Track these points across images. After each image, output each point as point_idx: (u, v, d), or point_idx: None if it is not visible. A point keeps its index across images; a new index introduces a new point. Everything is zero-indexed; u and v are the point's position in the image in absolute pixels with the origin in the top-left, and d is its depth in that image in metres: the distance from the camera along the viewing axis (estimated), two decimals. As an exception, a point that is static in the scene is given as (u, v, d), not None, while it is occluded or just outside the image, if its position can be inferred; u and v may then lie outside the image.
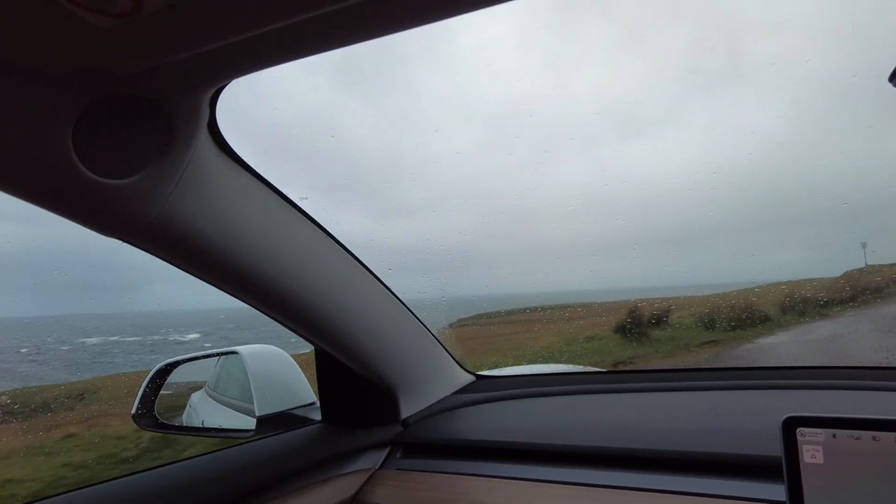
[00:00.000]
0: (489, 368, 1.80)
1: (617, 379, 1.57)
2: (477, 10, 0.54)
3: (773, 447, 0.67)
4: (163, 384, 1.60)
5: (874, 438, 0.64)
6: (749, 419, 1.18)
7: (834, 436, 0.66)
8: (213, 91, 0.70)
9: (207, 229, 0.82)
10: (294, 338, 1.16)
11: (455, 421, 1.42)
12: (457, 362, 1.61)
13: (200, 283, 0.93)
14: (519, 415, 1.44)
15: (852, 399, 1.24)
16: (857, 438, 0.64)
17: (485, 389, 1.59)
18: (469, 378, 1.66)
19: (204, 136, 0.78)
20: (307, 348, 1.32)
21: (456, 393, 1.57)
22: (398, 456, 1.32)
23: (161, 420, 1.59)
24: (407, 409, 1.39)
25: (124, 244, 0.79)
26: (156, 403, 1.58)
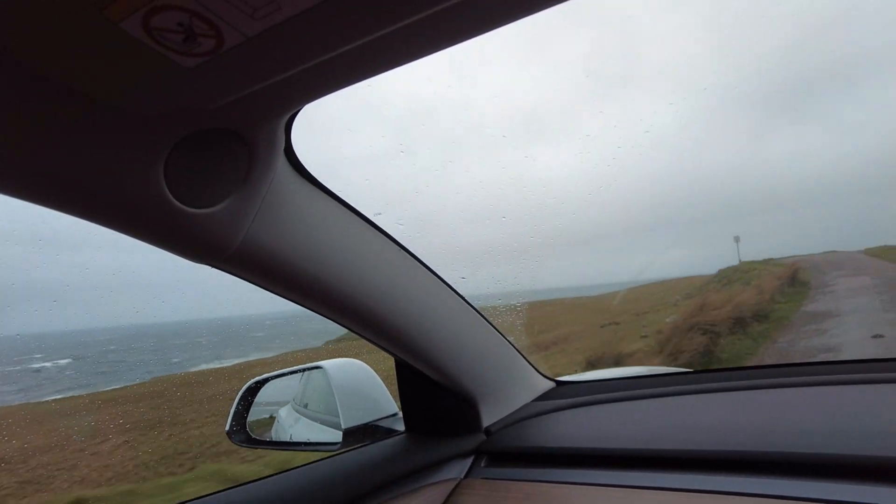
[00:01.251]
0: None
1: (705, 379, 1.49)
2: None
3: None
4: (253, 401, 1.67)
5: None
6: (861, 417, 1.08)
7: None
8: (287, 117, 0.73)
9: (290, 250, 0.85)
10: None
11: (538, 428, 1.40)
12: (535, 369, 1.59)
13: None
14: (604, 420, 1.39)
15: None
16: None
17: (566, 395, 1.56)
18: (549, 384, 1.63)
19: (282, 161, 0.81)
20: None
21: (536, 400, 1.55)
22: (483, 465, 1.31)
23: (253, 436, 1.66)
24: (489, 418, 1.38)
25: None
26: (247, 420, 1.65)
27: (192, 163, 0.67)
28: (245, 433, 1.63)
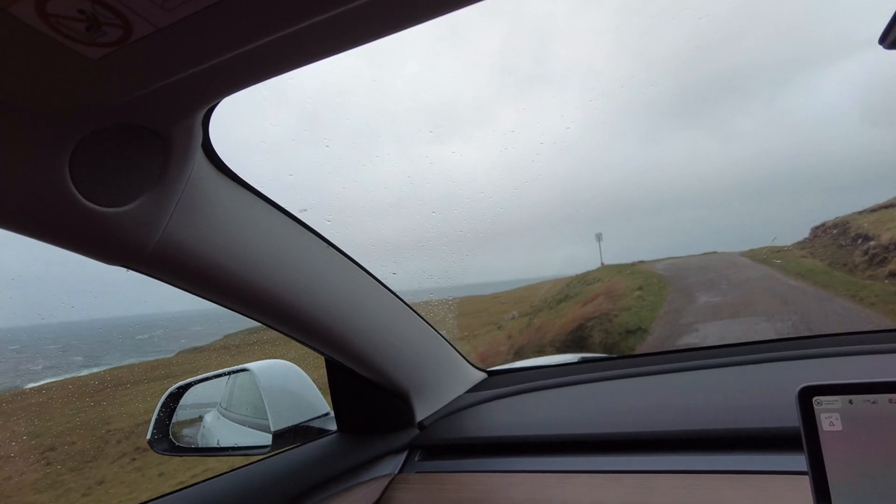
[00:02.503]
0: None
1: (629, 364, 1.56)
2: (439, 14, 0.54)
3: (793, 418, 0.67)
4: (175, 408, 1.59)
5: (890, 401, 0.64)
6: (766, 392, 1.18)
7: (850, 402, 0.65)
8: (205, 111, 0.70)
9: (210, 249, 0.81)
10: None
11: (471, 419, 1.42)
12: (467, 361, 1.61)
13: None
14: (534, 407, 1.43)
15: (865, 364, 1.24)
16: (873, 403, 0.64)
17: (498, 385, 1.59)
18: (481, 375, 1.65)
19: (200, 157, 0.77)
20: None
21: (469, 391, 1.57)
22: (417, 459, 1.32)
23: (177, 444, 1.58)
24: (422, 412, 1.39)
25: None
26: (170, 428, 1.57)
27: (101, 160, 0.63)
28: (168, 441, 1.55)
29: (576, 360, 1.73)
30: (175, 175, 0.72)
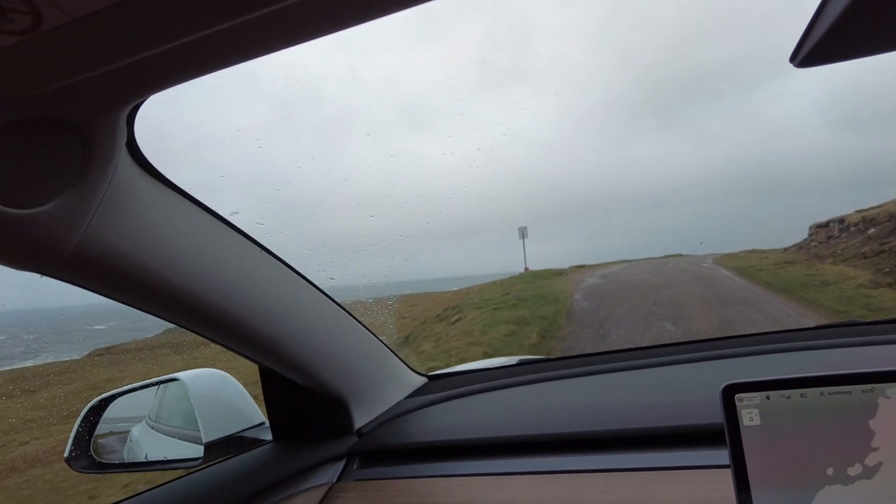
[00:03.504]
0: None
1: (565, 365, 1.61)
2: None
3: (717, 415, 0.71)
4: (98, 422, 1.50)
5: (802, 395, 0.68)
6: (693, 390, 1.24)
7: (768, 397, 0.70)
8: (129, 108, 0.67)
9: (134, 253, 0.78)
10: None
11: (411, 424, 1.42)
12: (407, 366, 1.61)
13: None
14: (473, 411, 1.45)
15: (783, 361, 1.33)
16: (787, 398, 0.69)
17: (438, 390, 1.59)
18: (421, 380, 1.65)
19: (123, 156, 0.74)
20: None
21: (409, 396, 1.57)
22: (356, 466, 1.30)
23: (99, 460, 1.49)
24: (361, 419, 1.37)
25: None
26: (91, 443, 1.48)
27: (12, 156, 0.59)
28: (89, 458, 1.46)
29: (514, 363, 1.77)
30: (96, 175, 0.68)
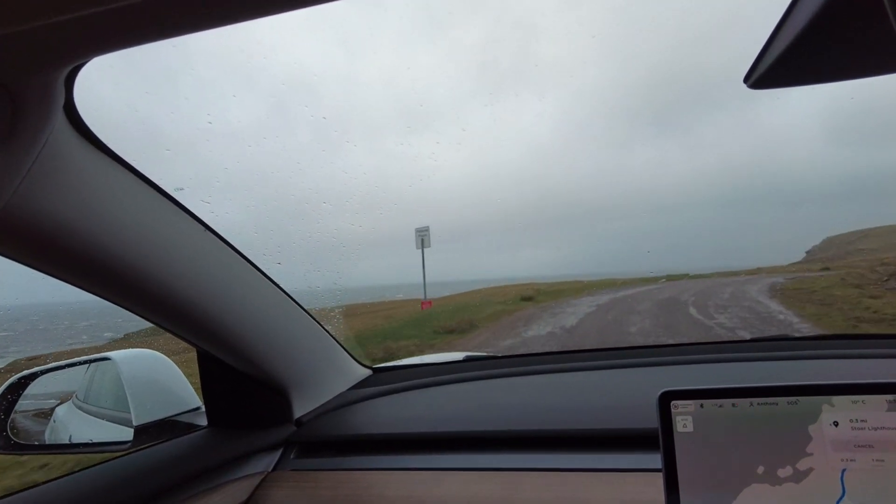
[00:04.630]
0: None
1: (510, 363, 1.63)
2: None
3: (653, 420, 0.74)
4: (16, 400, 1.42)
5: (733, 405, 0.71)
6: (632, 395, 1.27)
7: (702, 406, 0.73)
8: (68, 70, 0.63)
9: (66, 222, 0.73)
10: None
11: (352, 416, 1.40)
12: (352, 357, 1.59)
13: None
14: (415, 405, 1.45)
15: (718, 371, 1.39)
16: (720, 406, 0.72)
17: (381, 382, 1.58)
18: (366, 372, 1.64)
19: (60, 119, 0.70)
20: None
21: (352, 388, 1.56)
22: (292, 456, 1.28)
23: (16, 440, 1.41)
24: (300, 408, 1.35)
25: None
26: (8, 423, 1.40)
27: None
28: (3, 438, 1.38)
29: (460, 359, 1.78)
30: (27, 137, 0.64)
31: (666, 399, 0.74)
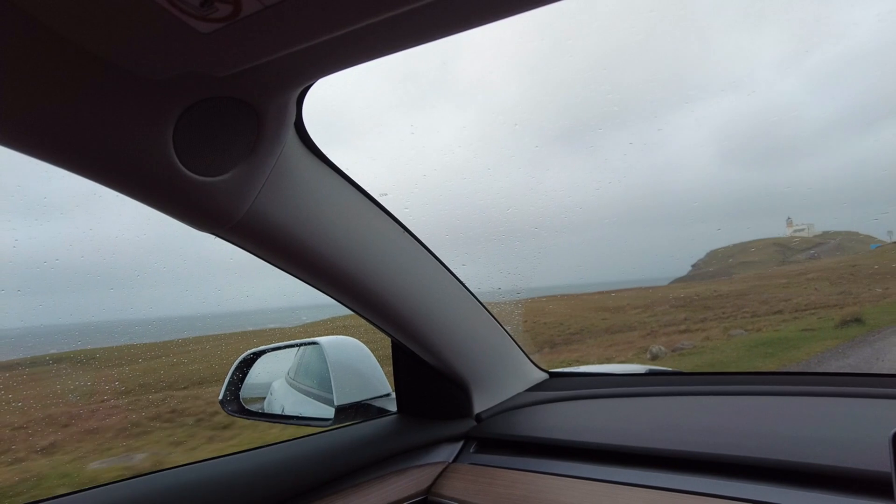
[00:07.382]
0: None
1: (699, 381, 1.49)
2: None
3: (875, 460, 0.62)
4: (247, 373, 1.68)
5: None
6: (852, 429, 1.08)
7: None
8: (300, 90, 0.73)
9: (293, 224, 0.85)
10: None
11: (529, 418, 1.41)
12: (530, 359, 1.60)
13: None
14: (594, 414, 1.40)
15: None
16: None
17: (558, 388, 1.56)
18: (542, 375, 1.63)
19: (291, 135, 0.81)
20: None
21: (529, 390, 1.56)
22: (472, 450, 1.32)
23: (246, 406, 1.67)
24: (480, 404, 1.39)
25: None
26: (241, 391, 1.66)
27: (200, 130, 0.67)
28: (237, 403, 1.64)
29: (642, 371, 1.68)
30: (267, 150, 0.75)
31: None
